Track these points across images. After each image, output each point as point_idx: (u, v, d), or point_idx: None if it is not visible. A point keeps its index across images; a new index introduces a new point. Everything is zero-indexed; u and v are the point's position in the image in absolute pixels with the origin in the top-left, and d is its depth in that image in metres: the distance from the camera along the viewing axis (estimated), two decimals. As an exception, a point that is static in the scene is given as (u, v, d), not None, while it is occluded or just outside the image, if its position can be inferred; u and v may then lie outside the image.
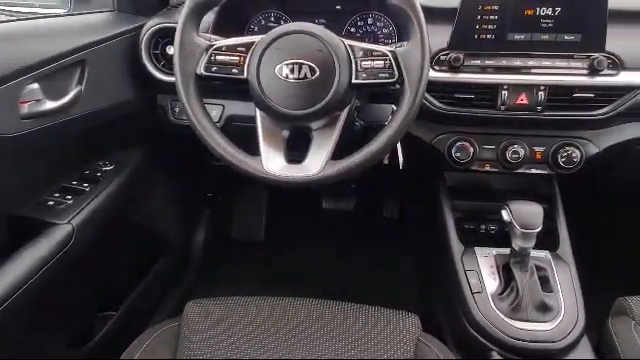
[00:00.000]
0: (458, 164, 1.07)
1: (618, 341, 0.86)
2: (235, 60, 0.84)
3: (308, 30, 0.81)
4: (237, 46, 0.84)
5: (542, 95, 0.99)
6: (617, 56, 0.98)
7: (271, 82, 0.81)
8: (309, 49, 0.80)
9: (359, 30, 1.18)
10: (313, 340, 0.86)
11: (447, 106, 1.03)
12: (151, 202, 1.28)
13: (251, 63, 0.82)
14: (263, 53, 0.81)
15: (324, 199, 1.73)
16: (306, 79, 0.80)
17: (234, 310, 0.91)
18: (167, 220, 1.38)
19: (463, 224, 1.20)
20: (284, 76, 0.80)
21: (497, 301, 0.95)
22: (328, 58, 0.80)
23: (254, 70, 0.81)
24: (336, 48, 0.80)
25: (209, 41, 0.86)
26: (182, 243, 1.52)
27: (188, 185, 1.49)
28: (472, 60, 1.00)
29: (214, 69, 0.84)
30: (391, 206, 1.73)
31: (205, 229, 1.60)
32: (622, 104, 0.99)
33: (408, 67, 0.80)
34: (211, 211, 1.62)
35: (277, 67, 0.80)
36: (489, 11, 0.97)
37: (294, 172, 0.82)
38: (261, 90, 0.81)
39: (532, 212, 0.94)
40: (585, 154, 1.04)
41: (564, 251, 1.05)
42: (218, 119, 1.12)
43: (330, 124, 0.86)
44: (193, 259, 1.56)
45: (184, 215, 1.50)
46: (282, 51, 0.81)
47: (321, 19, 1.18)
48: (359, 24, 1.17)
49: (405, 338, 0.86)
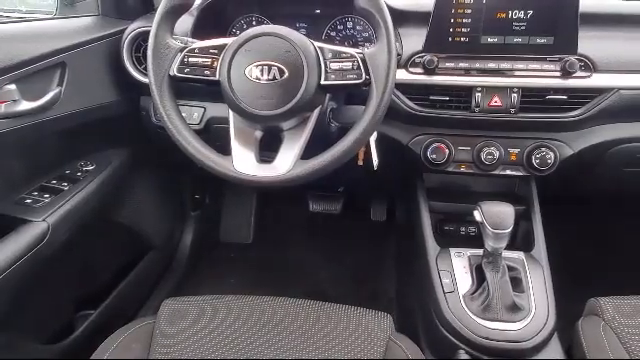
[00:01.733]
0: (434, 165, 1.08)
1: (585, 341, 0.86)
2: (207, 62, 0.86)
3: (277, 32, 0.82)
4: (209, 48, 0.86)
5: (516, 97, 1.00)
6: (589, 59, 0.99)
7: (241, 83, 0.82)
8: (278, 51, 0.82)
9: (339, 34, 1.19)
10: (284, 340, 0.87)
11: (423, 108, 1.04)
12: (134, 202, 1.30)
13: (222, 65, 0.84)
14: (234, 55, 0.83)
15: (311, 202, 1.75)
16: (275, 80, 0.81)
17: (209, 309, 0.92)
18: (151, 221, 1.39)
19: (443, 226, 1.22)
20: (254, 77, 0.82)
21: (468, 301, 0.96)
22: (296, 59, 0.81)
23: (225, 72, 0.83)
24: (304, 50, 0.82)
25: (184, 43, 0.88)
26: (168, 244, 1.53)
27: (174, 187, 1.50)
28: (446, 62, 1.01)
29: (187, 71, 0.86)
30: (378, 209, 1.74)
31: (192, 230, 1.62)
32: (595, 106, 1.00)
33: (375, 68, 0.82)
34: (199, 213, 1.64)
35: (247, 69, 0.82)
36: (462, 14, 0.98)
37: (264, 172, 0.84)
38: (232, 91, 0.83)
39: (503, 213, 0.94)
40: (559, 156, 1.05)
41: (538, 252, 1.06)
42: (199, 121, 1.14)
43: (301, 124, 0.88)
44: (179, 260, 1.57)
45: (169, 216, 1.51)
46: (252, 53, 0.82)
47: (302, 23, 1.20)
48: (339, 28, 1.19)
49: (376, 338, 0.87)
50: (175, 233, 1.57)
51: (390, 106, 1.03)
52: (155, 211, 1.42)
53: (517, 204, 1.14)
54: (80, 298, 1.18)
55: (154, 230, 1.41)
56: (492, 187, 1.18)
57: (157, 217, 1.44)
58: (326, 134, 1.02)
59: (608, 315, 0.90)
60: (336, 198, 1.74)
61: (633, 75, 0.99)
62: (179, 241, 1.60)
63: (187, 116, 1.13)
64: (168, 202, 1.49)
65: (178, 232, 1.59)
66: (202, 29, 1.08)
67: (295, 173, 0.83)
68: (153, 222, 1.41)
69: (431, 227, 1.12)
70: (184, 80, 0.87)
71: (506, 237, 0.94)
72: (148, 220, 1.38)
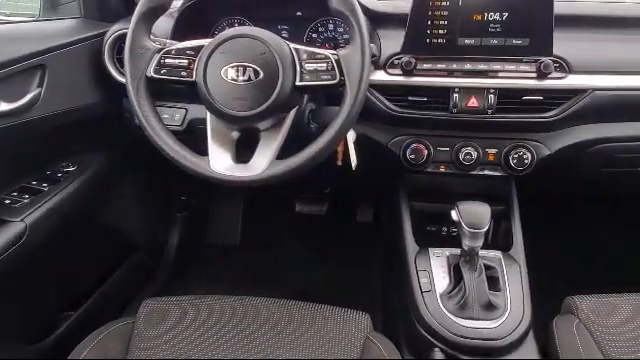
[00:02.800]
0: (413, 166, 1.09)
1: (559, 339, 0.87)
2: (184, 63, 0.87)
3: (252, 34, 0.83)
4: (186, 50, 0.87)
5: (492, 98, 1.01)
6: (565, 60, 1.00)
7: (217, 84, 0.83)
8: (253, 52, 0.83)
9: (320, 36, 1.20)
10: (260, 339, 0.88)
11: (401, 109, 1.05)
12: (118, 204, 1.30)
13: (199, 66, 0.85)
14: (209, 56, 0.84)
15: (297, 203, 1.76)
16: (251, 81, 0.82)
17: (189, 309, 0.93)
18: (135, 222, 1.40)
19: (425, 226, 1.23)
20: (230, 78, 0.83)
21: (445, 300, 0.96)
22: (271, 61, 0.82)
23: (201, 73, 0.84)
24: (279, 51, 0.83)
25: (162, 45, 0.89)
26: (153, 245, 1.54)
27: (159, 188, 1.51)
28: (424, 64, 1.02)
29: (163, 72, 0.87)
30: (364, 210, 1.75)
31: (179, 232, 1.62)
32: (570, 107, 1.01)
33: (349, 69, 0.83)
34: (186, 214, 1.64)
35: (223, 70, 0.83)
36: (439, 16, 1.00)
37: (239, 172, 0.85)
38: (208, 92, 0.84)
39: (479, 212, 0.95)
40: (536, 156, 1.06)
41: (516, 251, 1.07)
42: (181, 122, 1.15)
43: (277, 125, 0.89)
44: (165, 261, 1.58)
45: (155, 217, 1.52)
46: (227, 54, 0.83)
47: (283, 25, 1.21)
48: (320, 30, 1.20)
49: (353, 337, 0.87)
50: (161, 234, 1.58)
51: (369, 107, 1.06)
52: (139, 212, 1.42)
53: (497, 204, 1.16)
54: (62, 299, 1.18)
55: (139, 231, 1.42)
56: (473, 187, 1.19)
57: (142, 218, 1.44)
58: (306, 135, 1.03)
59: (583, 313, 0.91)
60: (322, 200, 1.74)
61: (607, 76, 1.01)
62: (165, 242, 1.60)
63: (169, 117, 1.14)
64: (153, 203, 1.50)
65: (164, 233, 1.60)
66: (183, 31, 1.09)
67: (270, 173, 0.84)
68: (138, 223, 1.41)
69: (411, 227, 1.13)
70: (161, 81, 0.88)
71: (482, 236, 0.95)
72: (132, 221, 1.38)
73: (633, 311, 0.90)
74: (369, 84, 1.04)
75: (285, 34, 1.20)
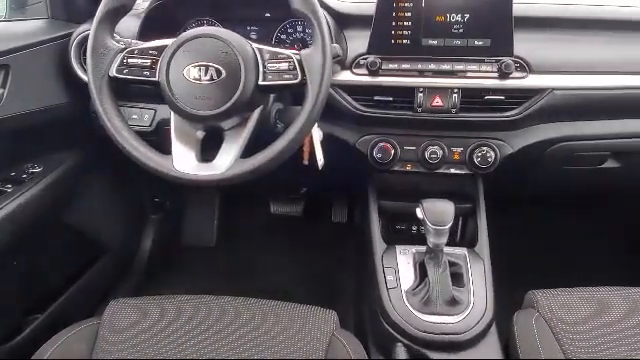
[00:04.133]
0: (380, 165, 1.10)
1: (518, 332, 0.89)
2: (147, 63, 0.87)
3: (215, 34, 0.84)
4: (149, 49, 0.88)
5: (456, 97, 1.03)
6: (525, 60, 1.03)
7: (180, 84, 0.84)
8: (215, 52, 0.83)
9: (289, 37, 1.21)
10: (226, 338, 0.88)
11: (367, 108, 1.07)
12: (87, 205, 1.29)
13: (161, 66, 0.85)
14: (172, 56, 0.84)
15: (272, 204, 1.76)
16: (213, 81, 0.83)
17: (155, 310, 0.92)
18: (105, 224, 1.39)
19: (395, 225, 1.24)
20: (192, 78, 0.83)
21: (410, 296, 0.98)
22: (234, 60, 0.83)
23: (164, 73, 0.84)
24: (242, 51, 0.84)
25: (127, 45, 0.89)
26: (125, 247, 1.53)
27: (131, 190, 1.50)
28: (390, 64, 1.04)
29: (126, 72, 0.87)
30: (339, 211, 1.77)
31: (152, 234, 1.61)
32: (531, 106, 1.03)
33: (310, 69, 0.84)
34: (159, 216, 1.64)
35: (185, 69, 0.84)
36: (403, 17, 1.01)
37: (203, 171, 0.85)
38: (171, 92, 0.84)
39: (443, 210, 0.97)
40: (500, 154, 1.08)
41: (481, 248, 1.09)
42: (150, 123, 1.15)
43: (241, 124, 0.89)
44: (138, 264, 1.57)
45: (126, 219, 1.51)
46: (190, 54, 0.84)
47: (252, 26, 1.22)
48: (289, 31, 1.21)
49: (320, 335, 0.88)
50: (133, 236, 1.57)
51: (336, 107, 1.08)
52: (110, 214, 1.41)
53: (465, 202, 1.18)
54: (28, 301, 1.17)
55: (109, 233, 1.41)
56: (442, 186, 1.21)
57: (112, 220, 1.43)
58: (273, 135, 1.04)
59: (542, 307, 0.93)
60: (298, 200, 1.75)
61: (566, 76, 1.03)
62: (138, 245, 1.59)
63: (138, 118, 1.14)
64: (124, 205, 1.49)
65: (137, 236, 1.59)
66: (151, 32, 1.09)
67: (234, 172, 0.85)
68: (108, 225, 1.40)
69: (379, 225, 1.14)
70: (124, 81, 0.88)
71: (446, 233, 0.97)
72: (102, 223, 1.37)
73: (590, 304, 0.92)
74: (336, 84, 1.06)
75: (254, 35, 1.21)
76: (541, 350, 0.84)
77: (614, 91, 1.05)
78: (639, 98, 1.06)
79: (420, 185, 1.19)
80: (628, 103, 1.07)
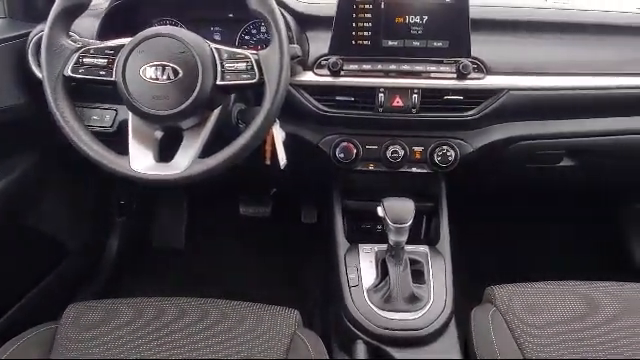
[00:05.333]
0: (342, 164, 1.11)
1: (474, 326, 0.91)
2: (103, 63, 0.87)
3: (171, 33, 0.84)
4: (105, 49, 0.87)
5: (416, 98, 1.05)
6: (482, 61, 1.05)
7: (137, 84, 0.84)
8: (172, 51, 0.83)
9: (253, 37, 1.22)
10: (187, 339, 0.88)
11: (330, 108, 1.08)
12: (48, 207, 1.27)
13: (117, 65, 0.85)
14: (128, 56, 0.84)
15: (241, 205, 1.76)
16: (170, 80, 0.83)
17: (115, 312, 0.92)
18: (68, 226, 1.36)
19: (360, 224, 1.26)
20: (148, 78, 0.83)
21: (371, 294, 0.99)
22: (191, 60, 0.83)
23: (120, 72, 0.84)
24: (199, 50, 0.84)
25: (84, 45, 0.88)
26: (90, 250, 1.50)
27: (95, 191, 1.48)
28: (351, 65, 1.05)
29: (81, 71, 0.87)
30: (308, 211, 1.77)
31: (119, 236, 1.59)
32: (488, 106, 1.06)
33: (268, 69, 0.85)
34: (126, 218, 1.62)
35: (142, 69, 0.84)
36: (363, 19, 1.03)
37: (160, 171, 0.85)
38: (127, 91, 0.84)
39: (403, 208, 0.99)
40: (460, 153, 1.10)
41: (442, 245, 1.11)
42: (111, 124, 1.13)
43: (200, 124, 0.89)
44: (104, 266, 1.54)
45: (90, 222, 1.48)
46: (146, 54, 0.84)
47: (216, 27, 1.22)
48: (253, 32, 1.21)
49: (281, 334, 0.88)
50: (98, 239, 1.55)
51: (299, 107, 1.08)
52: (72, 216, 1.39)
53: (428, 201, 1.20)
54: None
55: (72, 236, 1.38)
56: (406, 185, 1.22)
57: (75, 222, 1.40)
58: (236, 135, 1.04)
59: (499, 302, 0.95)
60: (266, 201, 1.75)
61: (521, 77, 1.06)
62: (104, 247, 1.57)
63: (99, 119, 1.13)
64: (88, 207, 1.47)
65: (102, 238, 1.56)
66: (111, 32, 1.08)
67: (191, 172, 0.85)
68: (71, 228, 1.38)
69: (343, 225, 1.15)
70: (80, 81, 0.88)
71: (406, 231, 0.99)
72: (64, 225, 1.35)
73: (546, 297, 0.95)
74: (299, 85, 1.07)
75: (217, 36, 1.21)
76: (495, 342, 0.86)
77: (567, 91, 1.08)
78: (591, 98, 1.09)
79: (384, 184, 1.21)
80: (581, 103, 1.10)
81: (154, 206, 1.79)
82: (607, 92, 1.10)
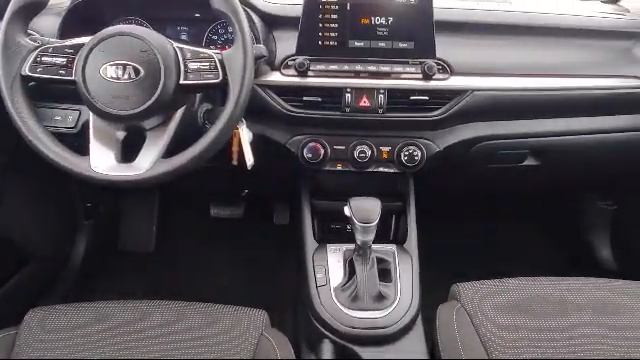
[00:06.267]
0: (310, 164, 1.11)
1: (439, 323, 0.92)
2: (63, 62, 0.85)
3: (133, 32, 0.83)
4: (65, 48, 0.86)
5: (382, 98, 1.06)
6: (447, 62, 1.07)
7: (97, 83, 0.83)
8: (133, 50, 0.82)
9: (220, 37, 1.21)
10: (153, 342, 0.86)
11: (297, 109, 1.08)
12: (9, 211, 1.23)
13: (77, 64, 0.83)
14: (88, 54, 0.83)
15: (212, 207, 1.74)
16: (131, 80, 0.82)
17: (77, 317, 0.90)
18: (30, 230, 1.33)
19: (330, 224, 1.26)
20: (109, 77, 0.82)
21: (339, 293, 1.00)
22: (153, 59, 0.82)
23: (80, 71, 0.83)
24: (161, 49, 0.83)
25: (44, 43, 0.86)
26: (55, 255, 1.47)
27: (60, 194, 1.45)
28: (318, 65, 1.06)
29: (40, 70, 0.85)
30: (281, 212, 1.77)
31: (85, 240, 1.56)
32: (453, 106, 1.07)
33: (231, 69, 0.84)
34: (93, 221, 1.58)
35: (102, 68, 0.82)
36: (329, 19, 1.03)
37: (122, 171, 0.84)
38: (87, 91, 0.83)
39: (369, 207, 1.00)
40: (426, 153, 1.11)
41: (410, 244, 1.12)
42: (74, 124, 1.11)
43: (164, 124, 0.88)
44: (70, 271, 1.51)
45: (55, 225, 1.45)
46: (106, 53, 0.83)
47: (183, 27, 1.20)
48: (220, 31, 1.20)
49: (249, 335, 0.88)
50: (64, 243, 1.51)
51: (266, 107, 1.08)
52: (35, 220, 1.35)
53: (396, 200, 1.21)
54: None
55: (38, 239, 1.35)
56: (374, 185, 1.23)
57: (41, 226, 1.37)
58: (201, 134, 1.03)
59: (464, 298, 0.96)
60: (238, 202, 1.74)
61: (485, 78, 1.08)
62: (70, 252, 1.53)
63: (62, 119, 1.10)
64: (52, 211, 1.43)
65: (68, 242, 1.53)
66: (73, 31, 1.05)
67: (154, 172, 0.84)
68: (36, 231, 1.35)
69: (311, 225, 1.15)
70: (38, 80, 0.86)
71: (373, 230, 0.99)
72: (30, 229, 1.31)
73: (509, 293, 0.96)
74: (266, 85, 1.07)
75: (184, 36, 1.20)
76: (459, 338, 0.87)
77: (530, 92, 1.11)
78: (553, 99, 1.12)
79: (352, 184, 1.21)
80: (543, 104, 1.13)
81: (123, 208, 1.76)
82: (568, 93, 1.12)
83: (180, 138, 0.91)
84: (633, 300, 0.95)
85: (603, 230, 1.63)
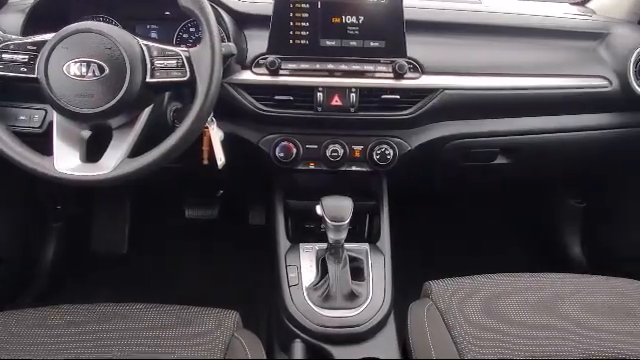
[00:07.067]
0: (282, 164, 1.11)
1: (410, 320, 0.93)
2: (24, 59, 0.83)
3: (97, 29, 0.82)
4: (27, 45, 0.84)
5: (354, 97, 1.06)
6: (417, 61, 1.07)
7: (60, 81, 0.81)
8: (98, 48, 0.81)
9: (191, 36, 1.19)
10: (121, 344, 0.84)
11: (269, 108, 1.07)
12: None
13: (40, 62, 0.82)
14: (51, 52, 0.81)
15: (187, 208, 1.72)
16: (96, 77, 0.81)
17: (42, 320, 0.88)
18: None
19: (304, 224, 1.25)
20: (72, 74, 0.81)
21: (311, 292, 1.00)
22: (118, 57, 0.81)
23: (42, 69, 0.81)
24: (127, 47, 0.82)
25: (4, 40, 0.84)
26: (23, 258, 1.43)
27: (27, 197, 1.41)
28: (289, 64, 1.05)
29: (0, 67, 0.82)
30: (256, 212, 1.76)
31: (55, 243, 1.52)
32: (424, 105, 1.08)
33: (199, 67, 0.83)
34: (62, 224, 1.55)
35: (65, 66, 0.81)
36: (300, 18, 1.03)
37: (87, 171, 0.82)
38: (50, 89, 0.81)
39: (341, 206, 1.00)
40: (398, 152, 1.12)
41: (382, 243, 1.12)
42: (40, 124, 1.08)
43: (130, 123, 0.87)
44: (38, 275, 1.47)
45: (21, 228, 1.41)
46: (70, 50, 0.81)
47: (153, 25, 1.18)
48: (191, 30, 1.19)
49: (217, 335, 0.87)
50: (33, 246, 1.47)
51: (238, 106, 1.07)
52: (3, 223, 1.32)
53: (370, 199, 1.21)
54: None
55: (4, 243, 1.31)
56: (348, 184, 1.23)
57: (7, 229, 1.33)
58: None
59: (435, 295, 0.96)
60: (213, 203, 1.72)
61: (456, 77, 1.09)
62: (38, 255, 1.50)
63: (27, 119, 1.07)
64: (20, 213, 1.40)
65: (36, 246, 1.49)
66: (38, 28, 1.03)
67: (120, 172, 0.82)
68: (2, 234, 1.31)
69: (284, 224, 1.15)
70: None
71: (345, 229, 0.99)
72: None
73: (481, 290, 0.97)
74: (237, 84, 1.06)
75: (154, 34, 1.18)
76: (429, 335, 0.88)
77: (499, 91, 1.12)
78: (522, 98, 1.14)
79: (325, 183, 1.21)
80: (513, 102, 1.14)
81: (95, 210, 1.72)
82: (536, 92, 1.14)
83: (149, 137, 0.89)
84: (604, 297, 0.96)
85: (574, 227, 1.66)
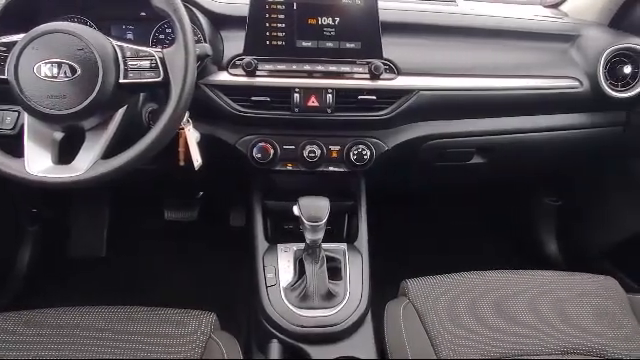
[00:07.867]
0: (260, 165, 1.11)
1: (387, 318, 0.94)
2: None
3: (69, 30, 0.81)
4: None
5: (330, 98, 1.07)
6: (393, 62, 1.08)
7: (30, 82, 0.80)
8: (69, 48, 0.80)
9: (167, 37, 1.18)
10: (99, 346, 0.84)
11: (245, 109, 1.07)
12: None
13: (10, 63, 0.80)
14: (21, 52, 0.80)
15: (166, 210, 1.71)
16: (67, 78, 0.80)
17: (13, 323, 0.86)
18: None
19: (283, 224, 1.25)
20: (43, 75, 0.80)
21: (288, 292, 1.00)
22: (90, 57, 0.80)
23: (12, 70, 0.80)
24: (99, 47, 0.81)
25: None
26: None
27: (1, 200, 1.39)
28: (266, 65, 1.05)
29: None
30: (237, 214, 1.75)
31: (31, 247, 1.50)
32: (400, 105, 1.09)
33: (173, 68, 0.83)
34: (38, 228, 1.52)
35: (36, 67, 0.80)
36: (276, 19, 1.03)
37: (59, 173, 0.81)
38: (20, 91, 0.80)
39: (318, 206, 1.00)
40: (375, 152, 1.13)
41: (360, 243, 1.13)
42: (13, 126, 1.06)
43: (104, 124, 0.86)
44: (14, 279, 1.45)
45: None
46: (40, 51, 0.80)
47: (129, 26, 1.17)
48: (167, 31, 1.18)
49: (195, 337, 0.87)
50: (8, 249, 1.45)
51: (214, 108, 1.07)
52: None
53: (348, 200, 1.22)
54: None
55: None
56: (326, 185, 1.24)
57: None
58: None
59: (412, 294, 0.98)
60: (192, 205, 1.71)
61: (431, 78, 1.10)
62: (14, 259, 1.47)
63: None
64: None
65: (11, 249, 1.46)
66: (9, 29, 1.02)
67: (93, 173, 0.81)
68: None
69: (262, 225, 1.15)
70: None
71: (322, 229, 1.00)
72: None
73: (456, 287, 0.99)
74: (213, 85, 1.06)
75: (130, 35, 1.17)
76: (404, 333, 0.89)
77: (474, 92, 1.14)
78: (496, 98, 1.16)
79: (303, 184, 1.22)
80: (487, 103, 1.16)
81: (73, 213, 1.70)
82: (511, 93, 1.16)
83: (124, 139, 0.88)
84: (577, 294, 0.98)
85: (549, 225, 1.69)
